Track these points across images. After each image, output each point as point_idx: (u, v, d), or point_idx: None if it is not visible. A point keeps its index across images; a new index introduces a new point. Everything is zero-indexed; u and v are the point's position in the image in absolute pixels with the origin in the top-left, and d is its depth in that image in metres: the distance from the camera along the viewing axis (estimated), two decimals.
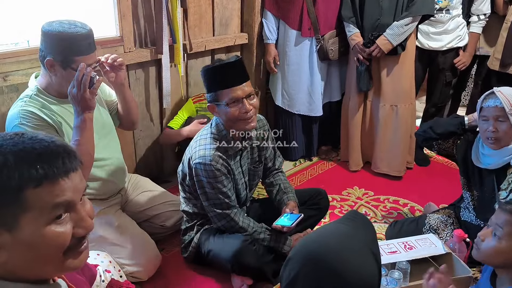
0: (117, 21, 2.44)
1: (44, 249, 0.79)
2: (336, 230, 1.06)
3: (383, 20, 2.82)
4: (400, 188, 3.01)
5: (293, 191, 2.22)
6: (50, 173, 0.78)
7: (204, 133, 2.04)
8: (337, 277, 0.93)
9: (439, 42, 3.05)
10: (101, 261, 1.82)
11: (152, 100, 2.76)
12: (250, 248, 1.96)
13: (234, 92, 1.87)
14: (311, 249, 0.99)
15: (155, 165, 2.93)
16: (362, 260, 0.99)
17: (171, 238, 2.37)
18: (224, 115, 1.92)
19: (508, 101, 1.85)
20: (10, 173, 0.75)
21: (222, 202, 1.99)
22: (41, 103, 1.82)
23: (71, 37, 1.74)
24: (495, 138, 1.89)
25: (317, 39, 2.96)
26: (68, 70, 1.77)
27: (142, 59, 2.57)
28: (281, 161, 2.33)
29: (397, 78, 2.95)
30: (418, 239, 2.01)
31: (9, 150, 0.77)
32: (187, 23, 2.73)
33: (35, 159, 0.77)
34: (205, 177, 1.94)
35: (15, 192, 0.75)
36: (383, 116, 3.04)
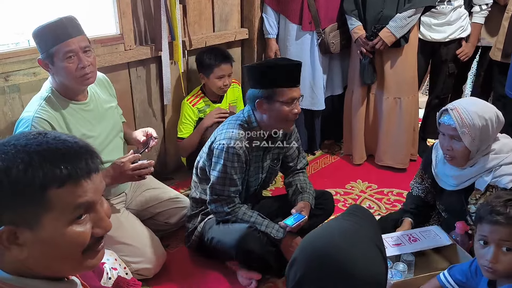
0: (117, 19, 2.44)
1: (64, 248, 0.80)
2: (340, 226, 1.04)
3: (385, 13, 2.81)
4: (404, 180, 2.99)
5: (310, 191, 2.20)
6: (74, 174, 0.78)
7: (234, 119, 2.07)
8: (345, 275, 0.92)
9: (442, 33, 3.03)
10: (107, 259, 1.82)
11: (154, 97, 2.76)
12: (255, 234, 1.97)
13: (294, 93, 1.95)
14: (316, 247, 0.97)
15: (158, 162, 2.93)
16: (369, 256, 0.98)
17: (176, 235, 2.38)
18: (275, 112, 1.96)
19: (461, 120, 1.73)
20: (35, 172, 0.75)
21: (225, 190, 2.00)
22: (54, 109, 1.83)
23: (45, 30, 1.74)
24: (451, 156, 1.82)
25: (318, 33, 2.94)
26: (55, 64, 1.77)
27: (142, 56, 2.57)
28: (305, 163, 2.32)
29: (400, 70, 2.94)
30: (422, 231, 2.01)
31: (33, 149, 0.77)
32: (186, 19, 2.72)
33: (59, 159, 0.78)
34: (224, 159, 1.96)
35: (39, 192, 0.76)
36: (386, 109, 3.03)
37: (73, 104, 1.90)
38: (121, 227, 2.04)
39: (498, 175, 1.77)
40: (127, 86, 2.60)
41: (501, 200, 1.40)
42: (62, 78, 1.82)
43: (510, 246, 1.36)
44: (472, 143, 1.75)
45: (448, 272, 1.67)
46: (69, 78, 1.80)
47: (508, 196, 1.44)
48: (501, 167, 1.77)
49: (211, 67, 2.65)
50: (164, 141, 2.93)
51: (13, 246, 0.77)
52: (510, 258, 1.36)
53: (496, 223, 1.37)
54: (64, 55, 1.75)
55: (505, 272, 1.39)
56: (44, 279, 0.82)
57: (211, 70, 2.66)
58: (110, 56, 2.39)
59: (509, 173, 1.76)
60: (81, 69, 1.79)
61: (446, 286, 1.66)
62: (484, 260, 1.40)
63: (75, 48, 1.76)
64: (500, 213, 1.36)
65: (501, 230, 1.36)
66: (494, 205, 1.40)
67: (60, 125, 1.83)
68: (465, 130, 1.73)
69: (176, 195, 2.37)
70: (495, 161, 1.79)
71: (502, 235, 1.36)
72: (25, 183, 0.75)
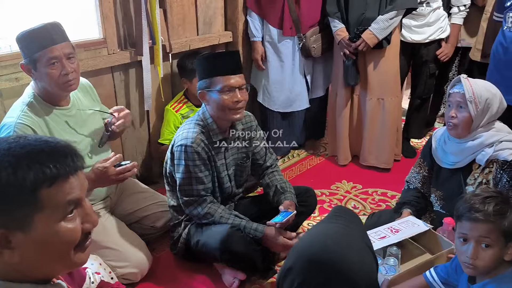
0: (100, 23, 2.43)
1: (58, 246, 0.81)
2: (329, 230, 1.06)
3: (368, 14, 2.85)
4: (388, 180, 3.04)
5: (290, 190, 2.22)
6: (62, 172, 0.80)
7: (189, 121, 2.09)
8: (343, 277, 0.93)
9: (422, 34, 3.08)
10: (91, 264, 1.82)
11: (136, 102, 2.75)
12: (238, 234, 1.97)
13: (229, 80, 1.95)
14: (312, 254, 0.98)
15: (143, 166, 2.93)
16: (361, 256, 1.00)
17: (162, 239, 2.37)
18: (215, 102, 1.98)
19: (471, 89, 1.85)
20: (25, 174, 0.76)
21: (193, 189, 2.01)
22: (37, 115, 1.82)
23: (29, 35, 1.74)
24: (453, 124, 1.91)
25: (299, 38, 2.97)
26: (38, 70, 1.77)
27: (126, 60, 2.56)
28: (274, 159, 2.33)
29: (383, 71, 2.98)
30: (400, 223, 2.07)
31: (18, 152, 0.78)
32: (167, 23, 2.72)
33: (46, 158, 0.79)
34: (184, 160, 1.98)
35: (30, 193, 0.77)
36: (370, 110, 3.07)
37: (56, 109, 1.89)
38: (106, 231, 2.03)
39: (499, 149, 1.86)
40: (111, 91, 2.59)
41: (480, 198, 1.43)
42: (44, 83, 1.81)
43: (489, 242, 1.39)
44: (476, 113, 1.85)
45: (434, 270, 1.71)
46: (51, 84, 1.80)
47: (486, 193, 1.47)
48: (502, 142, 1.88)
49: (193, 72, 2.65)
50: (149, 145, 2.92)
51: (5, 251, 0.78)
52: (489, 254, 1.39)
53: (475, 220, 1.40)
54: (48, 61, 1.75)
55: (484, 268, 1.42)
56: (31, 283, 0.82)
57: (193, 75, 2.66)
58: (93, 61, 2.39)
59: (510, 147, 1.86)
60: (64, 75, 1.79)
61: (432, 283, 1.69)
62: (465, 257, 1.43)
63: (58, 54, 1.76)
64: (479, 210, 1.39)
65: (480, 227, 1.39)
66: (473, 202, 1.43)
67: (43, 131, 1.82)
68: (472, 97, 1.84)
69: (162, 198, 2.36)
70: (496, 137, 1.89)
71: (481, 231, 1.39)
72: (16, 185, 0.76)
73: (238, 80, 1.98)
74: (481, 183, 1.91)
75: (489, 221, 1.38)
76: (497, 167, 1.87)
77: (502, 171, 1.85)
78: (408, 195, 2.21)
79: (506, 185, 1.84)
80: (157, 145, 2.79)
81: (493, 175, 1.88)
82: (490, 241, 1.38)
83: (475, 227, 1.40)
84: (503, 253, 1.41)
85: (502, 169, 1.85)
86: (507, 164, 1.84)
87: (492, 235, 1.38)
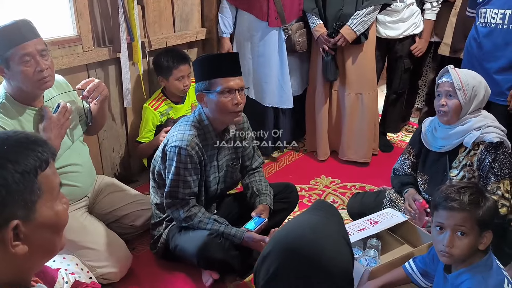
0: (74, 20, 2.39)
1: (60, 226, 0.87)
2: (308, 221, 1.07)
3: (345, 10, 2.87)
4: (366, 174, 3.09)
5: (266, 191, 2.20)
6: (49, 156, 0.84)
7: (185, 120, 2.04)
8: (316, 264, 0.95)
9: (396, 30, 3.12)
10: (68, 264, 1.79)
11: (114, 100, 2.72)
12: (215, 241, 1.95)
13: (229, 82, 1.91)
14: (289, 242, 0.99)
15: (122, 165, 2.90)
16: (337, 247, 1.02)
17: (141, 238, 2.35)
18: (214, 104, 1.93)
19: (458, 78, 1.96)
20: (26, 161, 0.79)
21: (179, 192, 1.98)
22: (10, 116, 1.78)
23: (0, 33, 1.69)
24: (443, 111, 2.00)
25: (285, 29, 2.96)
26: (12, 68, 1.72)
27: (101, 58, 2.52)
28: (260, 162, 2.31)
29: (361, 66, 3.02)
30: (379, 215, 2.13)
31: (9, 143, 0.81)
32: (145, 20, 2.70)
33: (34, 145, 0.82)
34: (176, 161, 1.94)
35: (33, 179, 0.80)
36: (349, 105, 3.10)
37: (30, 110, 1.85)
38: (85, 231, 2.01)
39: (486, 132, 1.97)
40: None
41: (455, 188, 1.48)
42: (18, 82, 1.77)
43: (465, 230, 1.43)
44: (465, 100, 1.96)
45: (413, 261, 1.74)
46: (26, 83, 1.76)
47: (462, 184, 1.53)
48: (488, 127, 1.98)
49: (170, 69, 2.64)
50: (127, 144, 2.89)
51: (18, 243, 0.79)
52: (464, 242, 1.43)
53: (451, 209, 1.44)
54: (21, 58, 1.71)
55: (460, 256, 1.46)
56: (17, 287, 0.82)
57: (170, 73, 2.64)
58: (68, 58, 2.34)
59: (495, 131, 1.98)
60: (39, 72, 1.75)
61: (411, 274, 1.72)
62: (441, 245, 1.47)
63: (32, 51, 1.72)
64: (455, 199, 1.44)
65: (456, 215, 1.43)
66: (449, 192, 1.47)
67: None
68: (460, 85, 1.96)
69: (141, 197, 2.35)
70: (484, 122, 2.00)
71: (457, 220, 1.43)
72: (23, 174, 0.78)
73: (237, 82, 1.93)
74: (465, 165, 2.01)
75: (465, 210, 1.42)
76: (482, 149, 1.97)
77: (487, 152, 1.96)
78: (404, 178, 2.27)
79: (487, 166, 1.95)
80: (135, 144, 2.76)
81: (478, 156, 1.98)
82: (466, 229, 1.42)
83: (451, 215, 1.44)
84: (477, 242, 1.45)
85: (487, 150, 1.96)
86: (492, 145, 1.95)
87: (468, 224, 1.42)
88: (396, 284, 1.77)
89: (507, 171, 1.94)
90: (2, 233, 0.77)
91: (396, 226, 2.06)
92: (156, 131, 2.71)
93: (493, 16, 2.38)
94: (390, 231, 2.09)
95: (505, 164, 1.94)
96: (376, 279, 1.77)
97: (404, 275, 1.75)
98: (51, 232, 0.85)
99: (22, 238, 0.79)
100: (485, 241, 1.45)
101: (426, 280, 1.70)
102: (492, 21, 2.39)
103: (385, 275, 1.78)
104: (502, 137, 1.98)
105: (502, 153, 1.95)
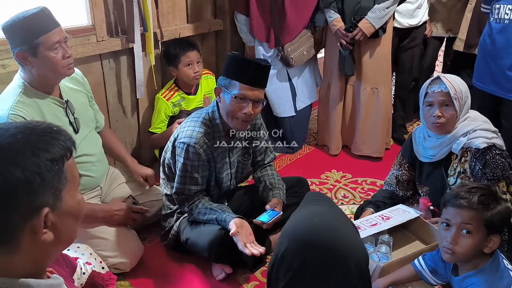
0: (89, 10, 2.38)
1: (80, 215, 0.88)
2: (312, 212, 1.05)
3: (363, 3, 2.84)
4: (377, 169, 3.06)
5: (279, 186, 2.19)
6: (71, 145, 0.86)
7: (197, 116, 2.04)
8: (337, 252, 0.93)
9: (416, 18, 3.13)
10: (82, 254, 1.81)
11: (127, 90, 2.72)
12: (227, 236, 1.94)
13: (247, 91, 1.89)
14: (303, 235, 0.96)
15: (133, 155, 2.88)
16: (350, 231, 1.01)
17: (152, 228, 2.36)
18: (225, 104, 1.94)
19: (452, 86, 1.87)
20: (54, 149, 0.80)
21: (185, 189, 1.99)
22: (29, 105, 1.79)
23: (27, 21, 1.70)
24: (440, 123, 1.90)
25: (278, 50, 2.97)
26: (40, 56, 1.73)
27: (115, 48, 2.52)
28: (272, 157, 2.31)
29: (377, 60, 3.00)
30: (391, 210, 2.09)
31: (34, 132, 0.81)
32: (158, 10, 2.68)
33: (57, 135, 0.83)
34: (184, 158, 1.95)
35: (62, 166, 0.81)
36: (364, 99, 3.09)
37: (50, 98, 1.86)
38: None
39: (472, 137, 1.89)
40: (100, 78, 2.55)
41: (467, 187, 1.48)
42: (45, 70, 1.78)
43: (470, 229, 1.42)
44: (459, 108, 1.89)
45: (422, 258, 1.73)
46: (54, 69, 1.78)
47: (474, 184, 1.52)
48: (476, 131, 1.90)
49: (178, 57, 2.64)
50: (139, 134, 2.89)
51: (46, 231, 0.80)
52: (469, 241, 1.43)
53: (459, 206, 1.44)
54: (52, 45, 1.74)
55: (463, 255, 1.46)
56: (33, 277, 0.82)
57: (178, 60, 2.64)
58: (82, 48, 2.34)
59: (483, 136, 1.89)
60: (67, 59, 1.80)
61: (421, 271, 1.72)
62: (444, 242, 1.47)
63: (60, 39, 1.76)
64: (464, 198, 1.44)
65: (462, 213, 1.43)
66: (459, 191, 1.47)
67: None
68: (456, 95, 1.87)
69: (152, 187, 2.35)
70: (471, 126, 1.91)
71: (463, 218, 1.43)
72: (52, 161, 0.79)
73: (256, 94, 1.91)
74: (460, 172, 1.95)
75: (472, 209, 1.42)
76: (471, 156, 1.90)
77: (475, 159, 1.88)
78: (378, 195, 2.27)
79: (479, 173, 1.88)
80: (148, 134, 2.77)
81: (469, 163, 1.91)
82: (471, 228, 1.42)
83: (458, 213, 1.44)
84: (483, 244, 1.44)
85: (475, 157, 1.88)
86: (479, 152, 1.87)
87: (474, 223, 1.42)
88: (406, 281, 1.76)
89: (501, 173, 1.85)
90: (34, 221, 0.78)
91: (408, 221, 2.04)
92: (169, 122, 2.71)
93: (506, 12, 2.35)
94: (402, 226, 2.07)
95: (497, 168, 1.85)
96: (386, 276, 1.76)
97: (414, 272, 1.74)
98: (73, 221, 0.86)
99: (49, 226, 0.80)
100: (491, 245, 1.44)
101: (435, 277, 1.70)
102: (506, 17, 2.35)
103: (395, 272, 1.78)
104: (490, 140, 1.88)
105: (492, 157, 1.85)
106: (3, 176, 0.74)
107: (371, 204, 2.18)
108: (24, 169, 0.75)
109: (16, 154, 0.76)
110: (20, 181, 0.75)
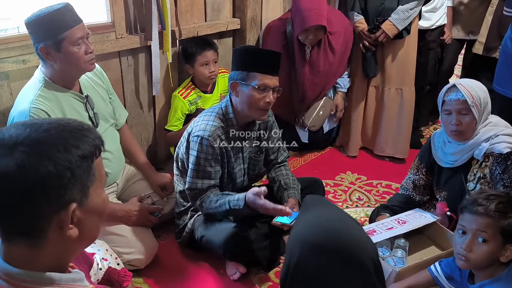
0: (109, 7, 2.40)
1: (104, 213, 0.89)
2: (317, 215, 1.03)
3: (387, 5, 2.83)
4: (395, 172, 3.02)
5: (294, 186, 2.19)
6: (101, 143, 0.86)
7: (211, 110, 2.05)
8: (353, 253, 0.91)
9: (428, 21, 3.08)
10: (98, 250, 1.82)
11: (144, 87, 2.73)
12: (242, 234, 1.96)
13: (267, 80, 1.92)
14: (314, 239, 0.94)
15: (148, 152, 2.91)
16: (359, 231, 1.00)
17: (167, 225, 2.37)
18: (246, 97, 1.94)
19: (469, 94, 1.85)
20: (85, 147, 0.81)
21: (198, 183, 1.99)
22: (50, 99, 1.81)
23: (51, 16, 1.72)
24: (459, 131, 1.89)
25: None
26: (64, 50, 1.75)
27: (133, 45, 2.53)
28: (286, 156, 2.31)
29: (402, 61, 2.98)
30: (407, 214, 2.09)
31: (66, 129, 0.82)
32: (176, 8, 2.69)
33: (88, 133, 0.84)
34: (197, 151, 1.96)
35: (91, 163, 0.83)
36: (388, 100, 3.07)
37: (70, 93, 1.88)
38: None
39: (495, 142, 1.87)
40: (118, 75, 2.57)
41: (485, 194, 1.47)
42: (68, 64, 1.80)
43: (486, 237, 1.41)
44: (479, 115, 1.87)
45: (439, 264, 1.71)
46: (76, 64, 1.80)
47: (492, 191, 1.51)
48: (498, 136, 1.89)
49: (194, 56, 2.64)
50: (155, 131, 2.91)
51: (72, 226, 0.81)
52: (483, 249, 1.42)
53: (475, 213, 1.43)
54: (76, 41, 1.76)
55: (477, 263, 1.44)
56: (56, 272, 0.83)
57: (194, 59, 2.64)
58: (101, 45, 2.36)
59: (506, 141, 1.87)
60: (89, 54, 1.82)
61: (437, 277, 1.70)
62: (459, 248, 1.47)
63: (83, 34, 1.79)
64: (481, 204, 1.43)
65: (479, 220, 1.43)
66: (477, 197, 1.46)
67: (56, 115, 1.81)
68: (473, 102, 1.85)
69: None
70: (493, 131, 1.90)
71: (479, 225, 1.42)
72: (83, 158, 0.80)
73: (274, 82, 1.94)
74: (480, 178, 1.93)
75: (489, 216, 1.41)
76: (492, 160, 1.89)
77: (497, 163, 1.87)
78: (393, 199, 2.26)
79: (498, 177, 1.87)
80: (164, 132, 2.78)
81: (489, 168, 1.90)
82: (487, 236, 1.41)
83: (474, 220, 1.44)
84: (499, 253, 1.42)
85: (497, 162, 1.87)
86: (502, 157, 1.86)
87: (490, 230, 1.40)
88: (422, 286, 1.75)
89: None
90: (61, 216, 0.79)
91: (424, 226, 2.02)
92: (185, 120, 2.72)
93: None
94: (418, 230, 2.05)
95: None
96: (401, 281, 1.75)
97: (430, 278, 1.73)
98: (97, 218, 0.87)
99: (75, 222, 0.81)
100: (508, 254, 1.42)
101: (452, 284, 1.68)
102: None
103: (411, 277, 1.77)
104: None
105: None
106: (36, 168, 0.75)
107: (388, 209, 2.17)
108: (56, 163, 0.77)
109: (50, 148, 0.77)
110: (51, 175, 0.76)
